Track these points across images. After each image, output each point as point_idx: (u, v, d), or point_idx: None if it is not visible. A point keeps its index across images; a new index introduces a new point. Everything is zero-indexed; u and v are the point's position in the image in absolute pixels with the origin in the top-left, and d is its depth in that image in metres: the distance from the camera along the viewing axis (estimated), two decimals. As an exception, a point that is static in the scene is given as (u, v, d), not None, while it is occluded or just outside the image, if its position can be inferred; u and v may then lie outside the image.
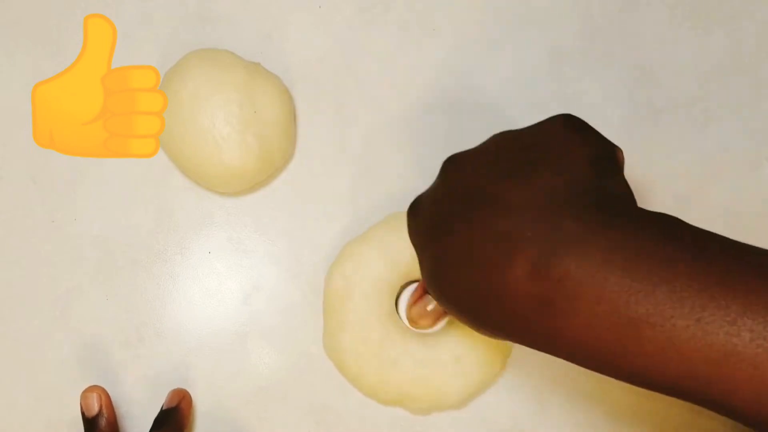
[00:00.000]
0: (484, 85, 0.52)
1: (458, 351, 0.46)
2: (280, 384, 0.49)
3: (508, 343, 0.47)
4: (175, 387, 0.49)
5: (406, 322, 0.47)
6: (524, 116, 0.52)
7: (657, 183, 0.51)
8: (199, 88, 0.47)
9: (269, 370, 0.49)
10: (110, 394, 0.47)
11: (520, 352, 0.49)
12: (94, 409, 0.45)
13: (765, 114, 0.52)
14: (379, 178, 0.51)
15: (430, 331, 0.47)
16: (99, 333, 0.49)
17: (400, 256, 0.47)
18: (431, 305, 0.43)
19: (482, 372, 0.46)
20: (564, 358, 0.32)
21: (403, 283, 0.48)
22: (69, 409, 0.49)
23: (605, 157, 0.35)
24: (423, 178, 0.51)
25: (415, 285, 0.49)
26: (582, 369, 0.32)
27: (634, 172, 0.51)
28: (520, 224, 0.31)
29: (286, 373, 0.49)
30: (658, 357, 0.29)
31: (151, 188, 0.51)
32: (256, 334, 0.50)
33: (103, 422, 0.45)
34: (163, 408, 0.47)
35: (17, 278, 0.50)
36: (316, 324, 0.49)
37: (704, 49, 0.53)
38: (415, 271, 0.47)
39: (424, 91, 0.52)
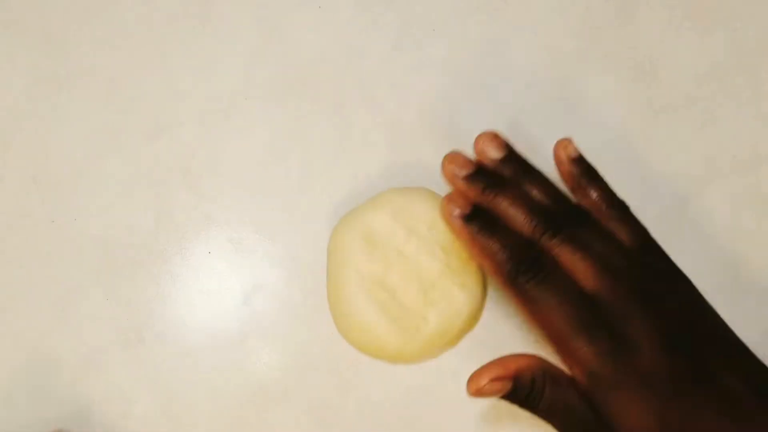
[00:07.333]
0: (484, 85, 0.52)
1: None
2: (280, 384, 0.49)
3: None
4: (175, 386, 0.48)
5: None
6: (524, 116, 0.52)
7: (657, 183, 0.51)
8: None
9: (269, 370, 0.49)
10: (110, 394, 0.47)
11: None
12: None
13: (765, 114, 0.52)
14: (379, 177, 0.51)
15: None
16: (99, 333, 0.49)
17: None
18: None
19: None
20: None
21: None
22: (69, 409, 0.49)
23: None
24: (423, 178, 0.51)
25: None
26: None
27: (634, 172, 0.51)
28: None
29: (286, 373, 0.49)
30: None
31: (151, 188, 0.51)
32: (256, 334, 0.50)
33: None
34: None
35: (17, 278, 0.50)
36: (317, 324, 0.49)
37: (704, 49, 0.53)
38: None
39: (424, 91, 0.52)
